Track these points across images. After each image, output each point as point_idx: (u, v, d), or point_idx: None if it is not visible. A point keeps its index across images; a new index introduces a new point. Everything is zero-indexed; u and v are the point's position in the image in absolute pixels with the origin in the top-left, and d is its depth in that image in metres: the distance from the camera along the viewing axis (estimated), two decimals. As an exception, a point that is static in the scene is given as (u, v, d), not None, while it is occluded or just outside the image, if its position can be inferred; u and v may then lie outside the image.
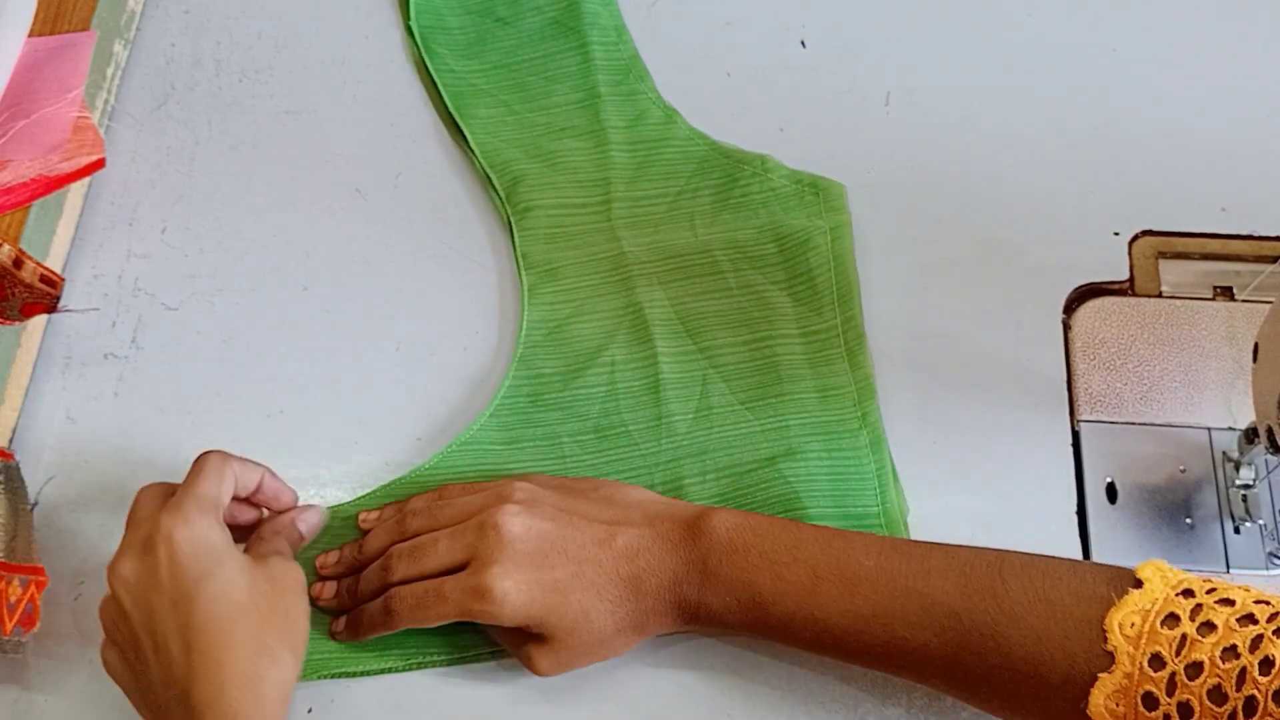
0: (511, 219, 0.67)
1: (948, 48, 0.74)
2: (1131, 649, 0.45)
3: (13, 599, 0.55)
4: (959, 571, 0.51)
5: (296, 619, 0.52)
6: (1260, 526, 0.60)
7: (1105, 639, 0.46)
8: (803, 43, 0.74)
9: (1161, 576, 0.47)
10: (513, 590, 0.52)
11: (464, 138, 0.70)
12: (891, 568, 0.51)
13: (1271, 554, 0.60)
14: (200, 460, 0.53)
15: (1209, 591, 0.46)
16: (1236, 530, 0.60)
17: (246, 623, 0.49)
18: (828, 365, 0.63)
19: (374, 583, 0.56)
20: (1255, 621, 0.44)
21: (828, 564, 0.52)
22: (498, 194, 0.68)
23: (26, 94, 0.65)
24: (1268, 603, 0.45)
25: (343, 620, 0.57)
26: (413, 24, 0.73)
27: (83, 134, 0.65)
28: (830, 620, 0.51)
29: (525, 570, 0.53)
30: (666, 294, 0.65)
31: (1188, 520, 0.61)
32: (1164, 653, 0.45)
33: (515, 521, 0.54)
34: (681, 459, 0.61)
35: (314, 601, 0.56)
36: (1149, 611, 0.46)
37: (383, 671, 0.57)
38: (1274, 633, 0.43)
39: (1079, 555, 0.60)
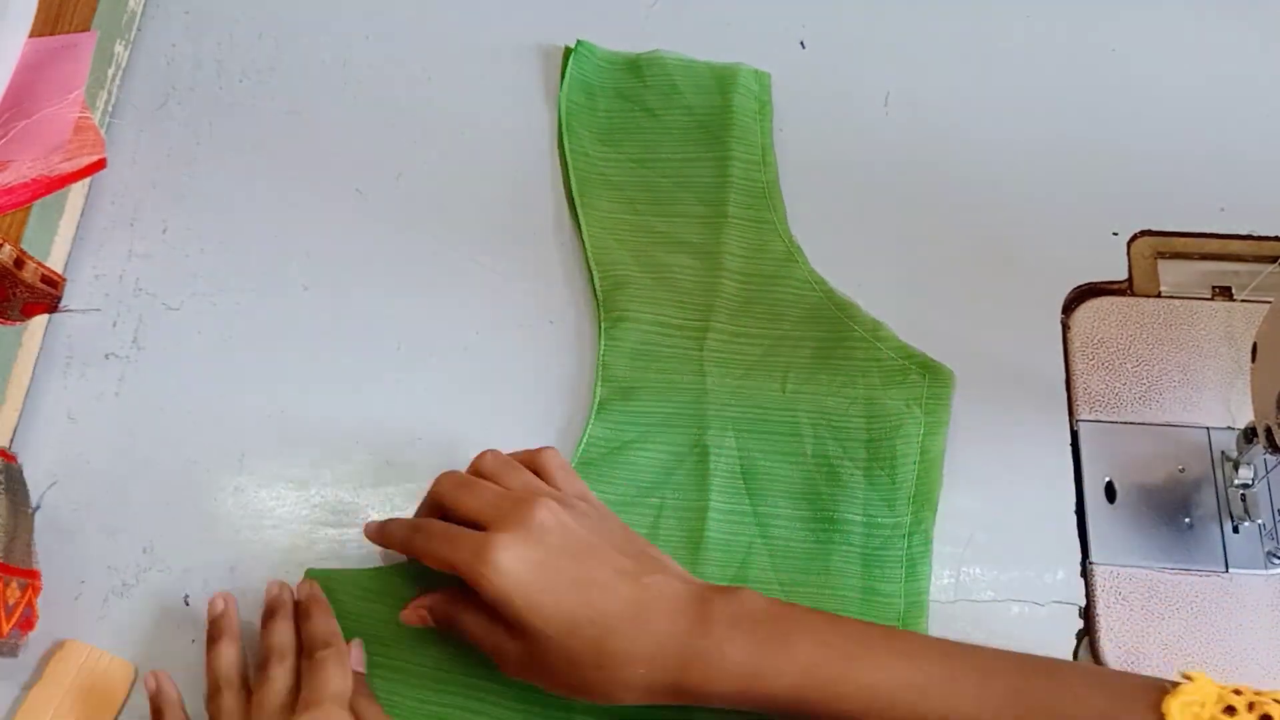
0: (603, 324, 0.65)
1: (947, 48, 0.74)
2: None
3: (11, 601, 0.56)
4: (1012, 655, 0.50)
5: None
6: (1259, 526, 0.60)
7: None
8: (802, 43, 0.74)
9: (1208, 679, 0.47)
10: (511, 566, 0.50)
11: (577, 225, 0.68)
12: (944, 644, 0.51)
13: (1270, 553, 0.60)
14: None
15: (1257, 692, 0.46)
16: (1235, 530, 0.60)
17: None
18: (882, 568, 0.59)
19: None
20: None
21: (875, 635, 0.51)
22: (596, 294, 0.66)
23: (28, 94, 0.66)
24: None
25: (377, 522, 0.58)
26: (561, 97, 0.71)
27: (84, 134, 0.65)
28: (879, 687, 0.49)
29: (534, 554, 0.51)
30: (738, 444, 0.62)
31: (1186, 520, 0.61)
32: None
33: (551, 512, 0.52)
34: None
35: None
36: (1206, 701, 0.46)
37: None
38: None
39: (1078, 554, 0.60)
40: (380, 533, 0.58)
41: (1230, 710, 0.46)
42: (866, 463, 0.62)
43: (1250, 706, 0.46)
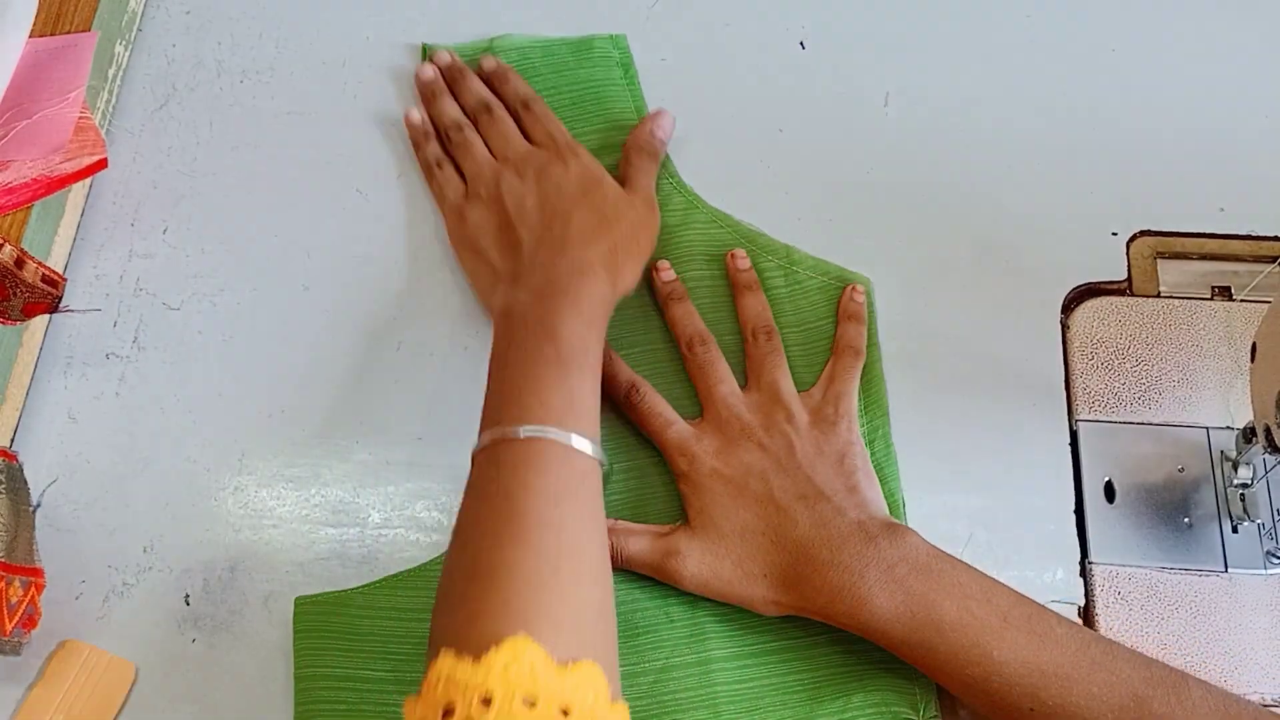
0: None
1: (947, 48, 0.74)
2: None
3: (13, 600, 0.56)
4: (1144, 662, 0.52)
5: (636, 249, 0.62)
6: (1258, 526, 0.60)
7: None
8: (802, 43, 0.74)
9: None
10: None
11: None
12: (1082, 638, 0.52)
13: (1269, 553, 0.60)
14: None
15: None
16: (1235, 529, 0.60)
17: (602, 230, 0.61)
18: None
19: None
20: None
21: (1020, 614, 0.53)
22: None
23: (28, 94, 0.66)
24: None
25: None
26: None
27: (84, 134, 0.65)
28: (1007, 666, 0.51)
29: (725, 460, 0.59)
30: (686, 391, 0.63)
31: (1186, 520, 0.61)
32: None
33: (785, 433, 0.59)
34: None
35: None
36: None
37: None
38: None
39: (1077, 554, 0.61)
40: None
41: None
42: (811, 385, 0.63)
43: None
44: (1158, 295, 0.66)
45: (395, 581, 0.59)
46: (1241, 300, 0.66)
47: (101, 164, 0.65)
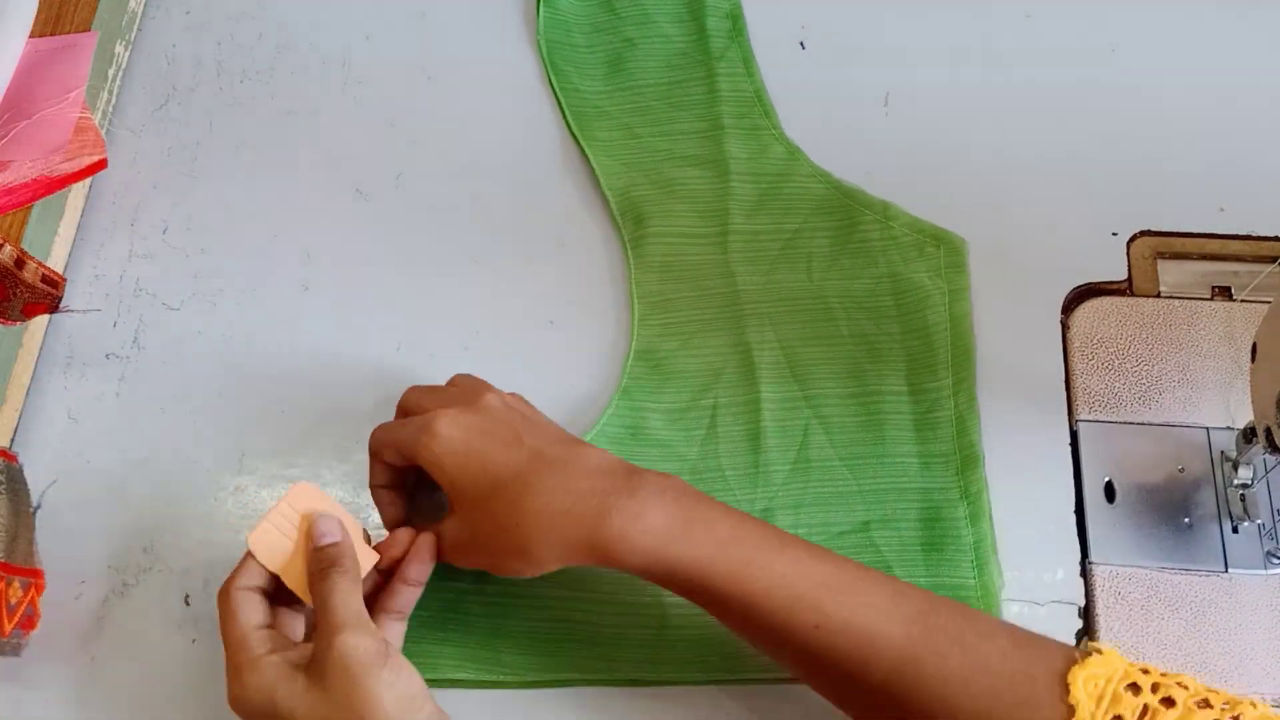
0: (628, 246, 0.67)
1: (947, 48, 0.74)
2: (1094, 706, 0.46)
3: (13, 601, 0.56)
4: (926, 590, 0.51)
5: None
6: (1258, 526, 0.60)
7: (1067, 691, 0.46)
8: (802, 44, 0.74)
9: (1117, 655, 0.48)
10: (448, 431, 0.53)
11: (585, 157, 0.70)
12: (862, 564, 0.51)
13: (1269, 553, 0.60)
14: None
15: (1163, 674, 0.47)
16: (1235, 530, 0.60)
17: None
18: (934, 430, 0.62)
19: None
20: (1210, 707, 0.45)
21: (797, 540, 0.51)
22: (615, 219, 0.68)
23: (28, 95, 0.66)
24: (1217, 693, 0.46)
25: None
26: (540, 39, 0.73)
27: (84, 134, 0.65)
28: (791, 581, 0.49)
29: (473, 421, 0.53)
30: (777, 335, 0.64)
31: (1186, 520, 0.61)
32: (1126, 716, 0.45)
33: (498, 396, 0.56)
34: (775, 509, 0.60)
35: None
36: (1112, 676, 0.46)
37: (454, 684, 0.57)
38: (1230, 719, 0.45)
39: (1077, 554, 0.60)
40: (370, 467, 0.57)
41: (1134, 688, 0.46)
42: (902, 335, 0.65)
43: (1154, 687, 0.46)
44: (1158, 295, 0.66)
45: None
46: (1241, 300, 0.66)
47: (101, 164, 0.65)
